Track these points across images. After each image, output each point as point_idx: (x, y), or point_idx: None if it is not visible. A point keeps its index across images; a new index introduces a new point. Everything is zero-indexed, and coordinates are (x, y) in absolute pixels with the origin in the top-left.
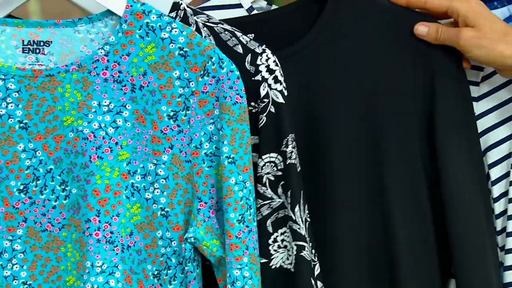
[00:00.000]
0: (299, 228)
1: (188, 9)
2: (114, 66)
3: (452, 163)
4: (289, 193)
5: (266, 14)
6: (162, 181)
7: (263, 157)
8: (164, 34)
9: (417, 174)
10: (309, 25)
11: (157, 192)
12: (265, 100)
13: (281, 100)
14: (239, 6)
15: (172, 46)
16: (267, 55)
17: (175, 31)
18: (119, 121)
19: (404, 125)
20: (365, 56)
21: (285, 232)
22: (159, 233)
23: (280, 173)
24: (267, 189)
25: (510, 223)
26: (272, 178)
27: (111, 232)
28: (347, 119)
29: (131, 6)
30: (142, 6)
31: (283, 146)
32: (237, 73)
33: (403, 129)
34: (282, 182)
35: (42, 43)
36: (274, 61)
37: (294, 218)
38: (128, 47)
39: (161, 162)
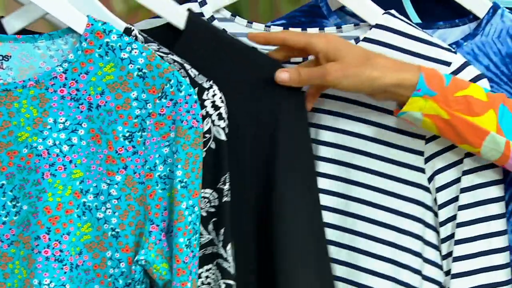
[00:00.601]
0: (228, 267)
1: (139, 36)
2: (72, 84)
3: (288, 207)
4: (222, 230)
5: (156, 29)
6: (114, 202)
7: None
8: (124, 55)
9: (251, 217)
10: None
11: (109, 212)
12: (206, 135)
13: (223, 137)
14: (201, 15)
15: (131, 66)
16: (213, 91)
17: (135, 52)
18: (74, 139)
19: (244, 168)
20: None
21: (210, 269)
22: (108, 254)
23: (213, 209)
24: None
25: (457, 247)
26: (204, 214)
27: (61, 251)
28: None
29: (92, 24)
30: (103, 26)
31: (221, 183)
32: (195, 97)
33: (242, 172)
34: (215, 219)
35: (1, 58)
36: (220, 97)
37: (224, 256)
38: (87, 66)
39: (114, 183)
